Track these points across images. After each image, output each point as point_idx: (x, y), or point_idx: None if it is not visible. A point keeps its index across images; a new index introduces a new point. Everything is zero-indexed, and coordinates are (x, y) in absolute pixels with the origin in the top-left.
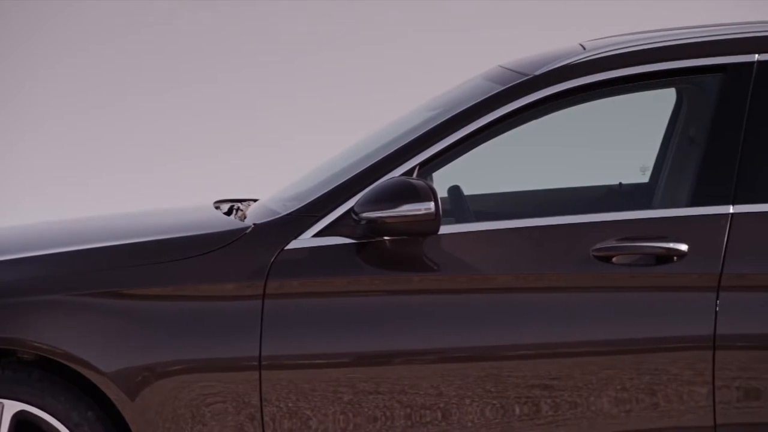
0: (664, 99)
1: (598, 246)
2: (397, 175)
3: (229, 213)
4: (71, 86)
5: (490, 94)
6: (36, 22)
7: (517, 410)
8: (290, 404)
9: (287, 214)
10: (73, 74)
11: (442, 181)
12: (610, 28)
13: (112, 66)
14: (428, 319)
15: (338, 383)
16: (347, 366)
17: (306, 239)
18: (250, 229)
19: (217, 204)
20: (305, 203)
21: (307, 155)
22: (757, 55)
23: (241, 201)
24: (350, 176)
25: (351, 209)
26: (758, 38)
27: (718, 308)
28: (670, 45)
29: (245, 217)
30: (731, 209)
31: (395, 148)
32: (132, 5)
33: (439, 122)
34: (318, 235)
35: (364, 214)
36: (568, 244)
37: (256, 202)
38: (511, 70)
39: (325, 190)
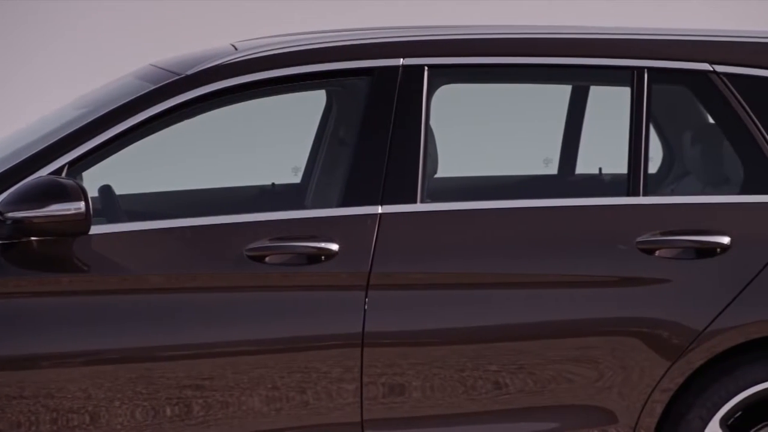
0: (315, 100)
1: (251, 246)
2: (45, 174)
3: None
4: None
5: (141, 93)
6: None
7: (168, 411)
8: None
9: None
10: None
11: (92, 180)
12: None
13: None
14: (78, 321)
15: None
16: None
17: None
18: None
19: None
20: None
21: None
22: (402, 59)
23: None
24: None
25: None
26: (404, 43)
27: (366, 306)
28: (319, 48)
29: None
30: (380, 209)
31: (43, 147)
32: None
33: (88, 121)
34: None
35: (10, 214)
36: (222, 244)
37: None
38: (162, 69)
39: None
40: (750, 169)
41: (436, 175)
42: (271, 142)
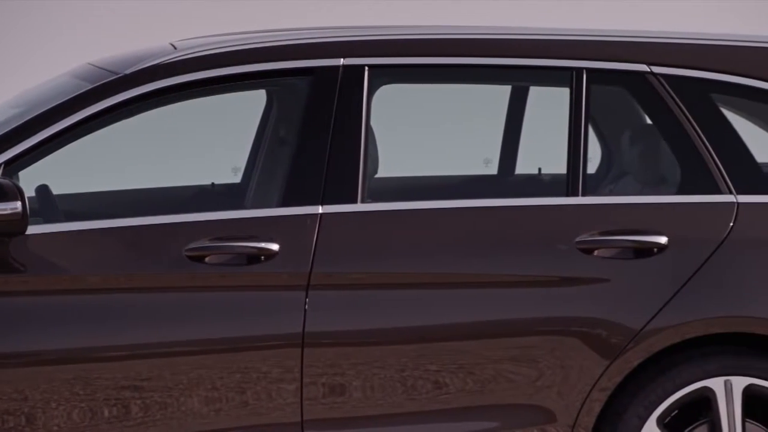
0: (256, 100)
1: (190, 246)
2: None
3: None
4: None
5: (78, 93)
6: None
7: (106, 412)
8: None
9: None
10: None
11: (29, 180)
12: None
13: None
14: (14, 322)
15: None
16: None
17: None
18: None
19: None
20: None
21: None
22: (342, 59)
23: None
24: None
25: None
26: (344, 43)
27: (307, 307)
28: (259, 47)
29: None
30: (320, 209)
31: None
32: None
33: (25, 120)
34: None
35: None
36: (161, 244)
37: None
38: (100, 68)
39: None
40: (687, 170)
41: (376, 175)
42: (211, 142)
